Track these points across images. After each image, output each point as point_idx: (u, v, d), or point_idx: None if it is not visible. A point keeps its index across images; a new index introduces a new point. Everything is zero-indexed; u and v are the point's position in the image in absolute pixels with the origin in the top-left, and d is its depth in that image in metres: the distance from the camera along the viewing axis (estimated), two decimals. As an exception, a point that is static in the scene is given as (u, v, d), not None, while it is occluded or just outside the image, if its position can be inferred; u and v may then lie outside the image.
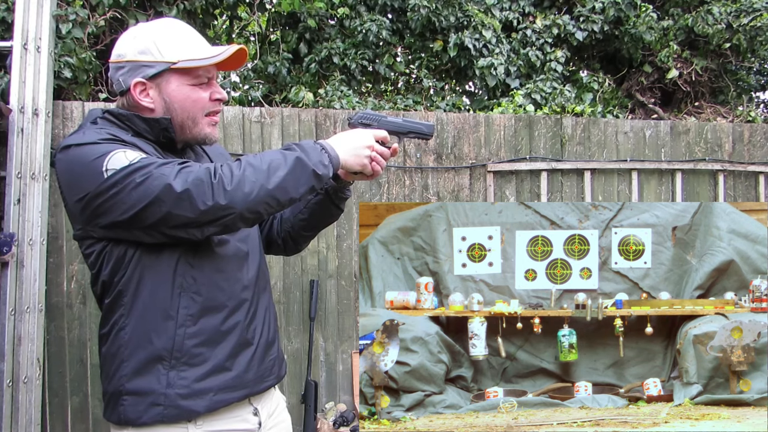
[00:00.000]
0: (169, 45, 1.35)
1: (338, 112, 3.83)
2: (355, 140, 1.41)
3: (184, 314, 1.34)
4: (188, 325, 1.34)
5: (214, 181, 1.22)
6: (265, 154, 1.30)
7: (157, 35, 1.36)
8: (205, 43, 1.41)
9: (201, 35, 1.44)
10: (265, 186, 1.25)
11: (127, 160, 1.22)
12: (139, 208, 1.22)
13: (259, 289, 1.49)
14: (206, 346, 1.36)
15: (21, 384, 3.16)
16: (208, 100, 1.41)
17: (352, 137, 1.42)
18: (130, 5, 3.98)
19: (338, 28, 5.12)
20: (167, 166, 1.23)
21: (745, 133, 4.32)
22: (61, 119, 3.44)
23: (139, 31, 1.38)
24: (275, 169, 1.27)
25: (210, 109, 1.42)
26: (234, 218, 1.24)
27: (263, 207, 1.27)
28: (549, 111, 4.46)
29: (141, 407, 1.32)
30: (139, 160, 1.23)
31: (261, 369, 1.46)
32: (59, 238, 3.41)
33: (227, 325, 1.39)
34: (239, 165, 1.26)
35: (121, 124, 1.36)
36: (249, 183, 1.24)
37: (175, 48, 1.35)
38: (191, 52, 1.36)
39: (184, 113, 1.38)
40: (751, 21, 5.16)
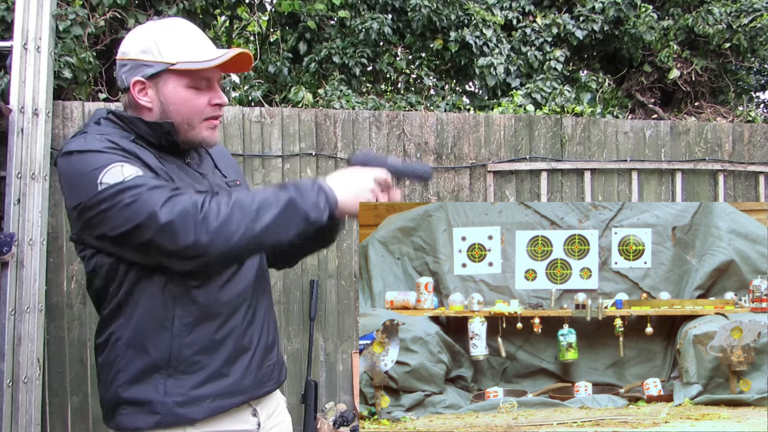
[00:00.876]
0: (169, 45, 1.33)
1: (338, 112, 3.83)
2: (357, 182, 1.33)
3: (179, 324, 1.33)
4: (184, 335, 1.34)
5: (199, 217, 1.18)
6: (258, 193, 1.25)
7: (159, 35, 1.35)
8: (208, 45, 1.39)
9: (207, 38, 1.41)
10: (251, 228, 1.20)
11: (122, 176, 1.20)
12: (125, 229, 1.20)
13: (257, 294, 1.48)
14: (203, 353, 1.36)
15: (21, 384, 3.16)
16: (206, 104, 1.38)
17: (354, 179, 1.34)
18: (130, 5, 3.98)
19: (338, 27, 5.12)
20: (158, 191, 1.20)
21: (745, 133, 4.32)
22: (61, 119, 3.44)
23: (144, 29, 1.37)
24: (265, 209, 1.21)
25: (208, 114, 1.39)
26: (212, 260, 1.21)
27: (245, 251, 1.25)
28: (549, 111, 4.46)
29: (139, 416, 1.33)
30: (133, 178, 1.21)
31: (259, 374, 1.46)
32: (59, 238, 3.41)
33: (223, 332, 1.38)
34: (228, 201, 1.21)
35: (124, 126, 1.35)
36: (235, 223, 1.19)
37: (174, 49, 1.33)
38: (191, 54, 1.34)
39: (179, 116, 1.36)
40: (751, 21, 5.16)
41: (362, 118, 3.82)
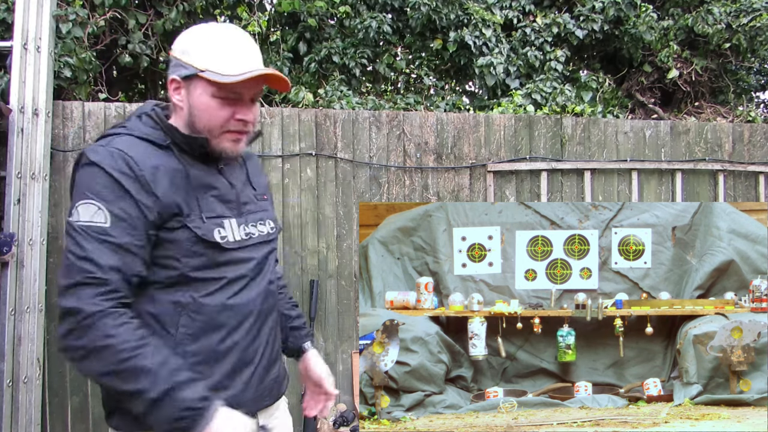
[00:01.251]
0: (202, 51, 1.33)
1: (338, 112, 3.83)
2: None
3: (183, 332, 1.34)
4: (186, 344, 1.34)
5: (83, 324, 1.21)
6: (154, 365, 1.21)
7: (198, 39, 1.35)
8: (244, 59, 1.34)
9: (252, 51, 1.37)
10: (102, 373, 1.22)
11: (88, 217, 1.25)
12: (63, 260, 1.27)
13: (265, 310, 1.48)
14: (205, 364, 1.36)
15: (21, 384, 3.16)
16: (229, 116, 1.35)
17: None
18: (130, 5, 3.98)
19: (338, 27, 5.12)
20: (89, 264, 1.23)
21: (745, 133, 4.32)
22: (61, 119, 3.44)
23: (191, 30, 1.39)
24: (130, 377, 1.20)
25: (230, 128, 1.37)
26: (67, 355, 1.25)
27: (87, 375, 1.27)
28: (549, 111, 4.46)
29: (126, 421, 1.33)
30: (95, 225, 1.24)
31: (260, 388, 1.46)
32: (59, 238, 3.41)
33: (226, 345, 1.39)
34: (120, 341, 1.21)
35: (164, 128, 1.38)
36: (97, 361, 1.21)
37: (206, 56, 1.33)
38: (220, 65, 1.32)
39: (201, 122, 1.36)
40: (750, 21, 5.16)
41: (362, 118, 3.82)
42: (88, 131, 3.46)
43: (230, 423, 1.22)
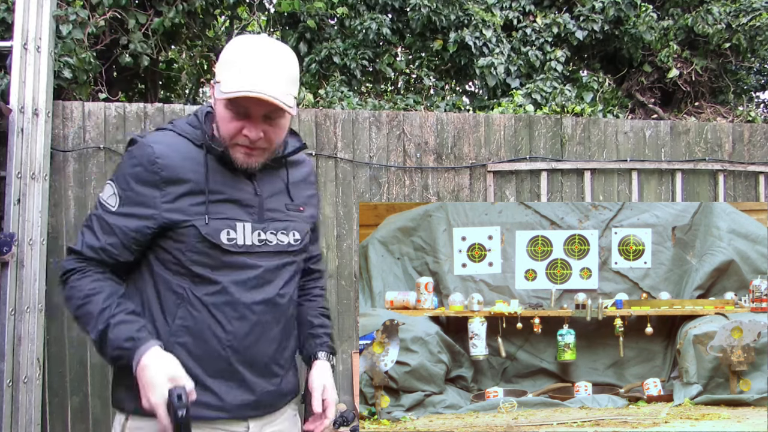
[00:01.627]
0: (224, 62, 1.37)
1: (338, 112, 3.83)
2: (153, 385, 1.27)
3: (179, 324, 1.39)
4: (179, 335, 1.39)
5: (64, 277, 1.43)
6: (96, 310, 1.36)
7: (230, 50, 1.37)
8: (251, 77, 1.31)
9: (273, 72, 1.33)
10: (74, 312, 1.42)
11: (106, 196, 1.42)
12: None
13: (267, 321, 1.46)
14: (194, 361, 1.38)
15: (21, 384, 3.16)
16: (237, 131, 1.37)
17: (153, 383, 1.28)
18: (130, 5, 3.98)
19: (338, 27, 5.12)
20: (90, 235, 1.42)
21: (745, 133, 4.32)
22: (61, 119, 3.44)
23: (233, 39, 1.42)
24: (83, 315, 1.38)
25: (238, 142, 1.38)
26: None
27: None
28: (549, 111, 4.46)
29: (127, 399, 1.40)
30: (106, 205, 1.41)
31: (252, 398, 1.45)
32: (59, 238, 3.41)
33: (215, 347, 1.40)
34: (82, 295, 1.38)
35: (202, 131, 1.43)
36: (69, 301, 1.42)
37: (226, 69, 1.35)
38: (232, 81, 1.32)
39: (219, 130, 1.40)
40: (750, 21, 5.16)
41: (362, 118, 3.82)
42: (88, 131, 3.46)
43: (157, 362, 1.29)
